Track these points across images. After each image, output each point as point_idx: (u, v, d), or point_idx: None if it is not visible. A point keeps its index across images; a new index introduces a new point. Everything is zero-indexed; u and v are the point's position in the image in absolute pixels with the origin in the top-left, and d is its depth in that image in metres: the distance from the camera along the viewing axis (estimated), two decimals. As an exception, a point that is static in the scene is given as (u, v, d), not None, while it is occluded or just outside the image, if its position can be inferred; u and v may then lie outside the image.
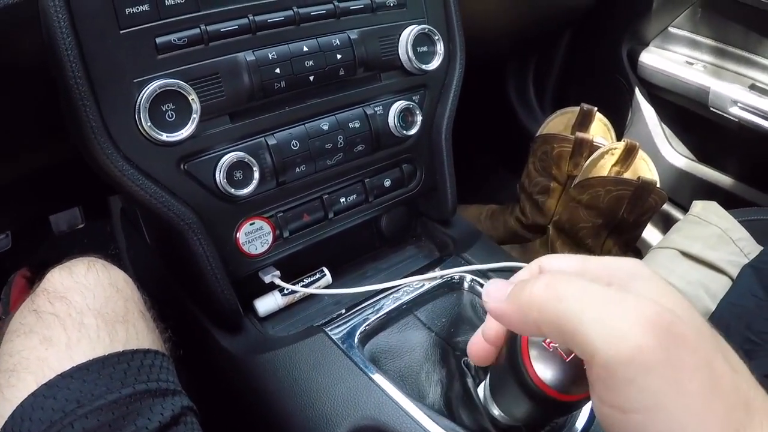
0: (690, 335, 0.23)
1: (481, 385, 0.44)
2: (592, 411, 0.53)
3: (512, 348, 0.31)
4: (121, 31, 0.53)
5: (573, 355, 0.28)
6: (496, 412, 0.41)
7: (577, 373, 0.28)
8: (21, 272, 1.05)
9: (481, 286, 0.64)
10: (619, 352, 0.22)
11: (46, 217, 1.09)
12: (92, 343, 0.49)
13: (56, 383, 0.45)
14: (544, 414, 0.34)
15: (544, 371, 0.29)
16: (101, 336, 0.49)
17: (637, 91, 1.27)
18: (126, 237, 0.96)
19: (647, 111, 1.28)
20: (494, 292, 0.30)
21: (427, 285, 0.65)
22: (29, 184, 0.85)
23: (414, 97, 0.71)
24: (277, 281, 0.66)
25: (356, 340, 0.59)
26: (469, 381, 0.47)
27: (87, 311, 0.51)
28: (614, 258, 0.28)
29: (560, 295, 0.25)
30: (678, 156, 1.27)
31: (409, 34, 0.68)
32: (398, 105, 0.68)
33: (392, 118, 0.68)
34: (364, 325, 0.60)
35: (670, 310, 0.23)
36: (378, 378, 0.54)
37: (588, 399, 0.29)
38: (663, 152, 1.27)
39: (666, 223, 1.25)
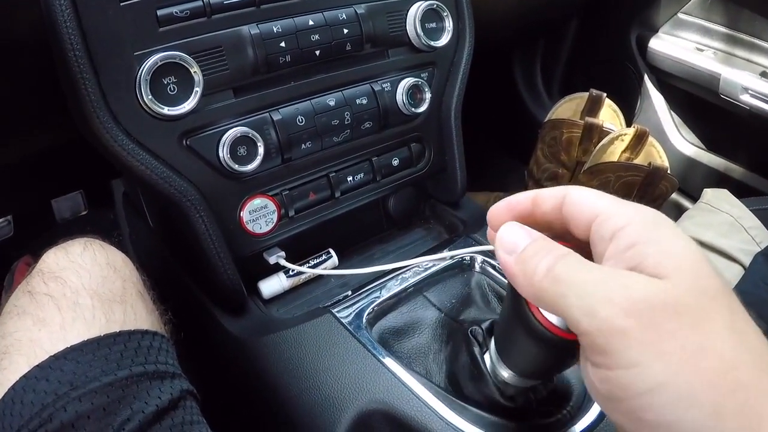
0: (683, 305, 0.25)
1: (488, 353, 0.43)
2: (600, 413, 0.51)
3: (515, 294, 0.32)
4: (122, 3, 0.52)
5: None
6: (505, 374, 0.40)
7: None
8: (24, 259, 1.04)
9: (493, 267, 0.62)
10: (599, 323, 0.25)
11: (48, 203, 1.07)
12: (87, 323, 0.47)
13: (49, 365, 0.43)
14: (552, 359, 0.34)
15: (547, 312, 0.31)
16: (97, 316, 0.48)
17: (646, 78, 1.26)
18: (128, 222, 0.95)
19: (656, 98, 1.26)
20: (507, 243, 0.31)
21: (437, 266, 0.63)
22: (30, 167, 0.84)
23: (422, 75, 0.69)
24: (283, 262, 0.64)
25: (364, 321, 0.57)
26: (476, 350, 0.45)
27: (82, 291, 0.49)
28: (652, 212, 0.29)
29: (557, 278, 0.28)
30: (687, 144, 1.25)
31: (417, 9, 0.66)
32: (406, 82, 0.67)
33: (400, 95, 0.66)
34: (373, 305, 0.58)
35: (671, 283, 0.25)
36: (387, 360, 0.53)
37: None
38: (672, 140, 1.25)
39: (675, 212, 1.24)
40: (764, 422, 0.24)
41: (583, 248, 0.30)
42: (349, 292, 0.63)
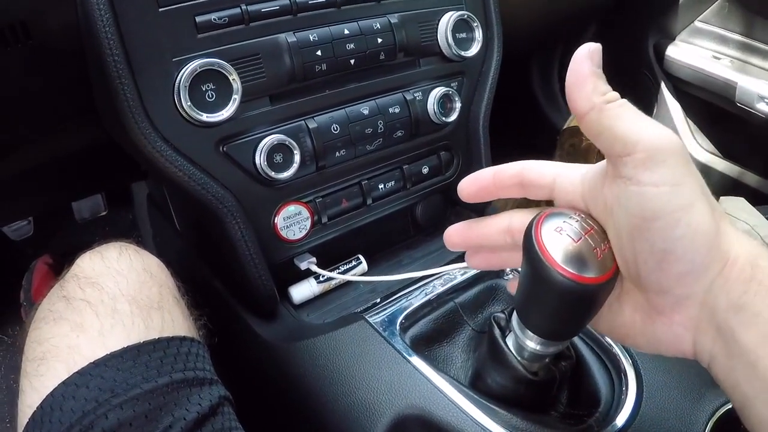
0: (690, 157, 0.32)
1: (510, 335, 0.44)
2: (633, 409, 0.51)
3: (533, 255, 0.33)
4: (160, 9, 0.52)
5: (581, 239, 0.33)
6: (530, 343, 0.41)
7: (589, 252, 0.33)
8: (43, 259, 1.04)
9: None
10: (659, 140, 0.30)
11: (68, 204, 1.08)
12: (126, 329, 0.47)
13: (89, 371, 0.43)
14: (573, 310, 0.35)
15: (558, 253, 0.33)
16: (136, 323, 0.48)
17: (663, 85, 1.26)
18: (152, 223, 0.95)
19: (673, 105, 1.26)
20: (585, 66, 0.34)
21: (467, 273, 0.63)
22: (53, 171, 0.84)
23: (452, 84, 0.70)
24: (314, 268, 0.65)
25: (398, 327, 0.57)
26: (497, 332, 0.46)
27: (120, 297, 0.49)
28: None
29: (624, 103, 0.32)
30: (703, 151, 1.26)
31: (448, 19, 0.67)
32: (438, 91, 0.67)
33: (432, 105, 0.67)
34: (406, 311, 0.59)
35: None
36: (422, 366, 0.53)
37: (609, 281, 0.33)
38: (688, 147, 1.26)
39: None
40: (732, 242, 0.31)
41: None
42: (378, 299, 0.63)
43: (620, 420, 0.51)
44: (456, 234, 0.41)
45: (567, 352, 0.49)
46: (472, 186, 0.40)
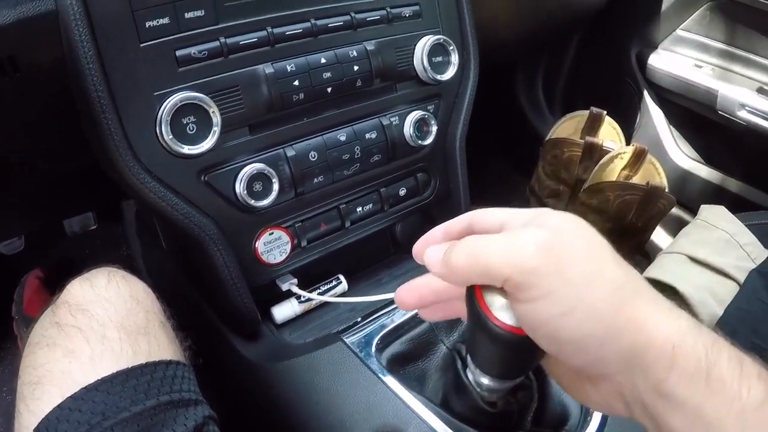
0: (572, 245, 0.32)
1: (469, 366, 0.45)
2: (603, 417, 0.54)
3: (471, 303, 0.35)
4: (142, 45, 0.54)
5: None
6: (484, 380, 0.42)
7: None
8: (34, 273, 1.06)
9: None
10: (516, 268, 0.31)
11: (59, 220, 1.10)
12: (116, 355, 0.49)
13: (81, 396, 0.46)
14: (513, 356, 0.37)
15: (500, 312, 0.34)
16: (124, 348, 0.50)
17: (645, 93, 1.28)
18: (141, 241, 0.97)
19: (656, 114, 1.28)
20: (431, 259, 0.36)
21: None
22: (45, 192, 0.86)
23: (429, 107, 0.71)
24: (295, 289, 0.67)
25: (373, 347, 0.60)
26: (459, 364, 0.47)
27: (109, 324, 0.52)
28: (535, 209, 0.36)
29: (475, 253, 0.33)
30: (686, 158, 1.27)
31: (424, 44, 0.69)
32: (414, 115, 0.69)
33: (408, 129, 0.69)
34: (381, 333, 0.61)
35: (558, 232, 0.32)
36: (395, 386, 0.55)
37: None
38: (671, 155, 1.28)
39: (674, 226, 1.26)
40: (647, 324, 0.30)
41: None
42: (359, 318, 0.65)
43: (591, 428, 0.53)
44: (408, 294, 0.40)
45: (526, 381, 0.51)
46: (411, 293, 0.40)
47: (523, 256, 0.31)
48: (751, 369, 0.29)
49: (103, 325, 0.52)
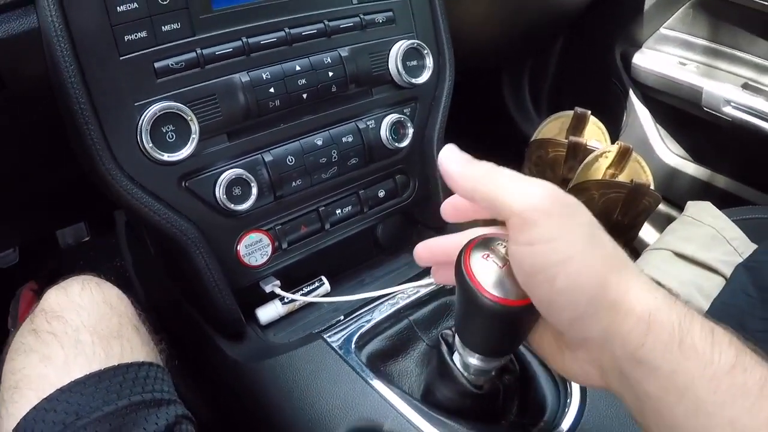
0: (578, 208, 0.34)
1: (456, 351, 0.47)
2: (576, 416, 0.55)
3: (463, 281, 0.37)
4: (121, 58, 0.56)
5: (506, 264, 0.36)
6: (472, 360, 0.44)
7: (510, 279, 0.35)
8: (29, 285, 1.08)
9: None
10: (529, 204, 0.32)
11: (52, 232, 1.12)
12: (89, 359, 0.52)
13: (56, 397, 0.48)
14: (503, 330, 0.39)
15: (485, 278, 0.36)
16: (97, 352, 0.53)
17: (631, 92, 1.29)
18: (131, 251, 0.99)
19: (642, 112, 1.29)
20: (452, 153, 0.38)
21: (423, 290, 0.67)
22: (38, 203, 0.88)
23: (405, 110, 0.73)
24: (278, 290, 0.69)
25: (353, 345, 0.61)
26: (444, 349, 0.49)
27: (82, 329, 0.54)
28: None
29: (495, 175, 0.35)
30: (673, 156, 1.28)
31: (398, 49, 0.70)
32: (390, 118, 0.71)
33: (384, 132, 0.70)
34: (361, 331, 0.63)
35: (570, 197, 0.34)
36: (374, 381, 0.57)
37: (529, 307, 0.35)
38: (658, 152, 1.29)
39: (662, 223, 1.27)
40: (629, 294, 0.32)
41: None
42: (341, 317, 0.67)
43: (565, 425, 0.54)
44: (423, 250, 0.44)
45: (511, 365, 0.52)
46: (449, 207, 0.42)
47: (539, 196, 0.32)
48: (722, 337, 0.31)
49: (77, 330, 0.54)
